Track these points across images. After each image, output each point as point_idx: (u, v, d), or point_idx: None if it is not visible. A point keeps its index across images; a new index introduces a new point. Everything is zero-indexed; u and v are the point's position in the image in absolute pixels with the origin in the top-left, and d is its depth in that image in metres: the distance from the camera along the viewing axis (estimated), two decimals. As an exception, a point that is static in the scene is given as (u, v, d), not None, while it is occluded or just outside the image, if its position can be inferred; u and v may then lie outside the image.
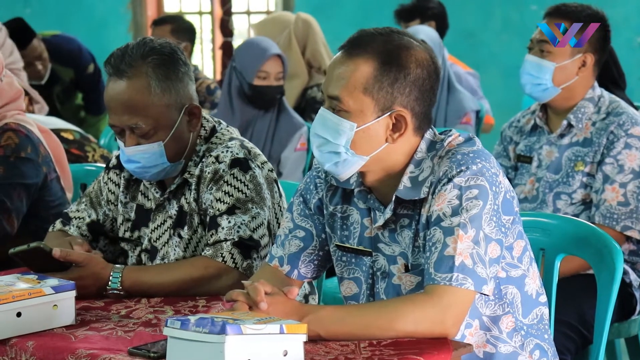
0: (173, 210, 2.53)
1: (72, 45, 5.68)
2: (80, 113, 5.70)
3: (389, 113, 2.07)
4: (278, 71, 4.22)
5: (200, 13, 8.26)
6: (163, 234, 2.55)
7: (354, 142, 2.07)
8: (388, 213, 2.12)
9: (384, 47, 2.06)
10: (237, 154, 2.47)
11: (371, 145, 2.08)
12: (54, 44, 5.56)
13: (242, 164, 2.46)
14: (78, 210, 2.66)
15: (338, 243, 2.22)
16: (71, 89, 5.60)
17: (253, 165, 2.47)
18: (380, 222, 2.14)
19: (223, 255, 2.39)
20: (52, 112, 5.42)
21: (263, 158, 2.53)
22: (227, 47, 8.04)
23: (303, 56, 4.98)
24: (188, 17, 7.74)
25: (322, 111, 2.10)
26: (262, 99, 4.22)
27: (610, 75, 3.64)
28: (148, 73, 2.42)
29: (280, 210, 2.53)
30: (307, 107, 4.87)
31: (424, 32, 4.84)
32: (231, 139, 2.54)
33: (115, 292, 2.36)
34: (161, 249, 2.55)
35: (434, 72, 2.10)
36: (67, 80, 5.57)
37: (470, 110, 4.80)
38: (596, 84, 3.25)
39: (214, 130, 2.56)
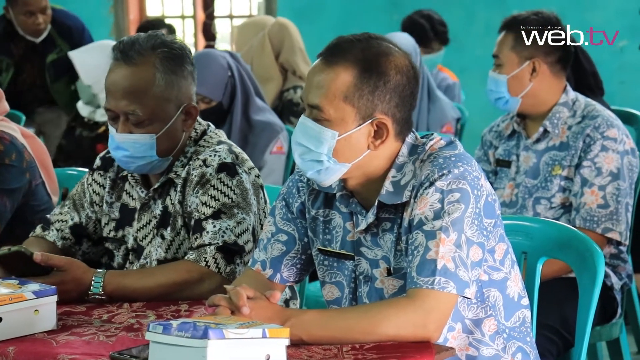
0: (158, 210, 2.52)
1: (77, 23, 5.58)
2: (73, 100, 5.54)
3: (370, 120, 2.07)
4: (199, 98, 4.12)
5: (183, 17, 8.25)
6: (148, 233, 2.54)
7: (336, 150, 2.07)
8: (371, 217, 2.12)
9: (363, 54, 2.06)
10: (224, 158, 2.47)
11: (353, 153, 2.08)
12: (59, 14, 5.47)
13: (229, 168, 2.46)
14: (61, 214, 2.65)
15: (320, 247, 2.22)
16: (64, 65, 5.37)
17: (240, 171, 2.47)
18: (363, 226, 2.14)
19: (206, 259, 2.39)
20: (40, 84, 5.36)
21: (250, 163, 2.53)
22: (209, 51, 8.02)
23: (277, 59, 4.98)
24: (170, 21, 7.74)
25: (303, 119, 2.10)
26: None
27: (586, 82, 3.66)
28: (155, 64, 2.43)
29: (265, 216, 2.53)
30: (285, 109, 4.87)
31: (399, 37, 4.85)
32: (219, 142, 2.54)
33: (97, 297, 2.36)
34: (145, 248, 2.54)
35: (414, 77, 2.10)
36: (64, 52, 5.45)
37: (451, 119, 4.82)
38: (569, 87, 3.27)
39: (204, 133, 2.56)
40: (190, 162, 2.49)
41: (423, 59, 5.51)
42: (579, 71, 3.69)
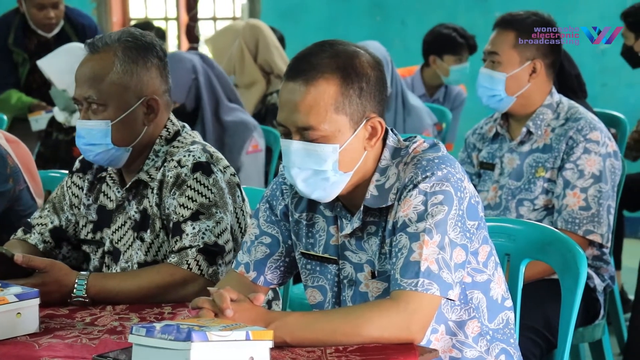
0: (132, 211, 2.52)
1: (90, 22, 5.54)
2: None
3: (363, 123, 2.07)
4: None
5: (166, 19, 8.24)
6: (124, 235, 2.54)
7: (340, 162, 2.06)
8: (356, 222, 2.12)
9: (336, 62, 2.05)
10: (199, 157, 2.46)
11: (354, 159, 2.08)
12: (74, 12, 5.42)
13: (204, 168, 2.45)
14: (41, 217, 2.64)
15: (303, 251, 2.22)
16: None
17: (215, 170, 2.47)
18: (348, 230, 2.14)
19: (188, 262, 2.38)
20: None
21: (225, 162, 2.53)
22: (193, 53, 8.01)
23: (256, 62, 4.98)
24: (154, 23, 7.72)
25: (297, 145, 2.05)
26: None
27: (570, 86, 3.68)
28: (117, 52, 2.46)
29: (243, 214, 2.52)
30: (268, 113, 4.87)
31: (371, 45, 4.86)
32: (193, 142, 2.54)
33: (80, 299, 2.35)
34: (125, 251, 2.54)
35: (382, 67, 2.11)
36: None
37: (428, 125, 4.82)
38: (554, 89, 3.29)
39: (177, 134, 2.55)
40: (165, 164, 2.49)
41: (452, 69, 5.51)
42: (563, 74, 3.70)
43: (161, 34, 6.12)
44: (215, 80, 4.19)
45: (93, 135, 2.45)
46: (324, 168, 2.05)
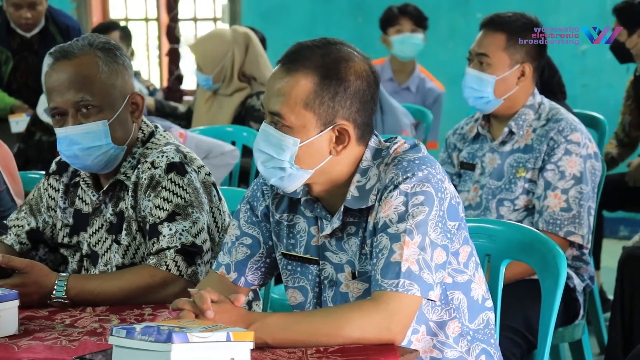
0: (109, 213, 2.51)
1: (74, 24, 5.49)
2: None
3: (331, 127, 2.07)
4: None
5: (147, 19, 8.22)
6: (101, 238, 2.53)
7: (298, 157, 2.07)
8: (336, 222, 2.12)
9: (322, 60, 2.06)
10: (172, 158, 2.46)
11: (315, 159, 2.08)
12: (57, 13, 5.36)
13: (178, 168, 2.45)
14: (17, 219, 2.63)
15: (284, 251, 2.22)
16: None
17: (189, 169, 2.46)
18: (328, 230, 2.14)
19: (167, 264, 2.38)
20: (33, 85, 5.23)
21: (200, 162, 2.52)
22: (173, 54, 8.01)
23: (242, 70, 4.98)
24: (135, 24, 7.71)
25: (265, 127, 2.10)
26: None
27: (550, 89, 3.69)
28: (97, 54, 2.45)
29: (220, 213, 2.52)
30: (247, 115, 4.89)
31: None
32: (167, 143, 2.53)
33: (60, 300, 2.34)
34: (103, 254, 2.53)
35: (374, 81, 2.10)
36: None
37: (405, 126, 4.83)
38: (536, 90, 3.29)
39: (151, 135, 2.55)
40: (139, 165, 2.48)
41: (393, 39, 5.61)
42: (543, 75, 3.71)
43: (127, 33, 6.07)
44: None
45: (91, 138, 2.42)
46: (281, 157, 2.07)
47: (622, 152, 4.71)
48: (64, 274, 2.37)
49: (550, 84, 3.68)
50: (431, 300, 2.03)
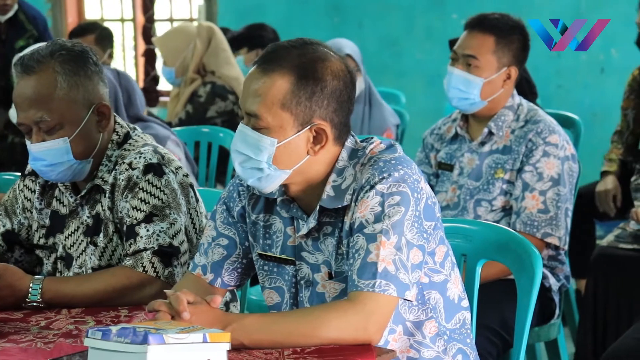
0: (85, 216, 2.49)
1: (40, 15, 5.45)
2: None
3: (308, 127, 2.08)
4: None
5: (122, 20, 8.18)
6: (76, 240, 2.51)
7: (276, 157, 2.07)
8: (312, 222, 2.12)
9: (299, 60, 2.06)
10: (150, 159, 2.45)
11: (293, 159, 2.08)
12: (26, 4, 5.33)
13: (155, 169, 2.44)
14: (-8, 221, 2.61)
15: (260, 252, 2.22)
16: None
17: (167, 171, 2.46)
18: (304, 231, 2.14)
19: (144, 265, 2.37)
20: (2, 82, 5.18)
21: (177, 163, 2.52)
22: (149, 54, 7.98)
23: (201, 62, 4.99)
24: (110, 24, 7.66)
25: (242, 127, 2.09)
26: None
27: (522, 90, 3.70)
28: (55, 68, 2.40)
29: (198, 215, 2.51)
30: (190, 100, 4.91)
31: (349, 46, 4.86)
32: (144, 144, 2.52)
33: (35, 304, 2.32)
34: (78, 257, 2.51)
35: (350, 81, 2.11)
36: (35, 37, 5.28)
37: (391, 124, 4.85)
38: (515, 91, 3.31)
39: (127, 136, 2.53)
40: (117, 167, 2.46)
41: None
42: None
43: (107, 34, 6.03)
44: (121, 98, 4.14)
45: (54, 156, 2.41)
46: (258, 158, 2.07)
47: (630, 155, 4.39)
48: (38, 276, 2.36)
49: (519, 84, 3.69)
50: (408, 300, 2.03)
